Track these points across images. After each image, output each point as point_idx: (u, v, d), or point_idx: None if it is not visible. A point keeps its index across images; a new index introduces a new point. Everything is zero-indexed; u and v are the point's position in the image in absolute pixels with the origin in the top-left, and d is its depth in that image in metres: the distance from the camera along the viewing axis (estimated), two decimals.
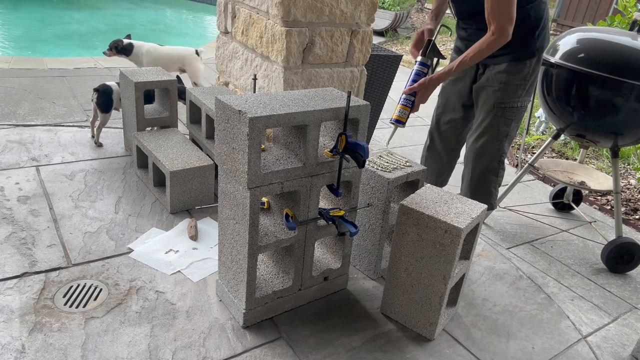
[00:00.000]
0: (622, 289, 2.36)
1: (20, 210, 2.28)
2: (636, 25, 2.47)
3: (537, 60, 2.05)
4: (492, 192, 2.24)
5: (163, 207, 2.46)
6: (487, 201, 2.21)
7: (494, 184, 2.23)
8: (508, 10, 1.82)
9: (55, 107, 3.52)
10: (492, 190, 2.24)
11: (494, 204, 2.26)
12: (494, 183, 2.23)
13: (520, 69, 2.03)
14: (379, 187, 1.98)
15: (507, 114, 2.08)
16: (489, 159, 2.16)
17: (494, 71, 2.06)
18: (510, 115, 2.09)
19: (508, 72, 2.04)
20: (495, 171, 2.20)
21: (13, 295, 1.79)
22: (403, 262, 1.81)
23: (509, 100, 2.06)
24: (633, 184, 3.71)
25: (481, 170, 2.18)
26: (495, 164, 2.18)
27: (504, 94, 2.06)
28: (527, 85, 2.07)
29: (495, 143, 2.13)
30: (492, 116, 2.09)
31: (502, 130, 2.11)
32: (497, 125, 2.10)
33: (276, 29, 2.31)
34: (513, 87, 2.05)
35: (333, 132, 1.81)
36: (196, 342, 1.69)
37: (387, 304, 1.91)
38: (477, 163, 2.18)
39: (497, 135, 2.11)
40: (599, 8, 9.85)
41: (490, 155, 2.16)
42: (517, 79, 2.04)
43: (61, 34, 7.00)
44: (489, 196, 2.23)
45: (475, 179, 2.21)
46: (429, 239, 1.71)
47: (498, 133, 2.11)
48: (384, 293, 1.91)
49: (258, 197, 1.57)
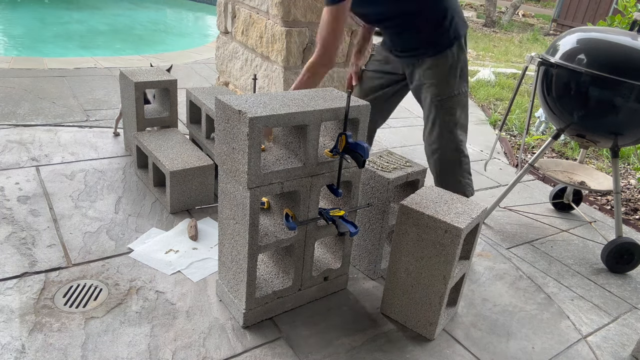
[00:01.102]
0: (622, 289, 2.36)
1: (20, 210, 2.28)
2: (636, 25, 2.47)
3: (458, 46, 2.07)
4: (460, 182, 2.21)
5: (163, 207, 2.46)
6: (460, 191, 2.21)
7: (461, 172, 2.21)
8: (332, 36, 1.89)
9: (55, 107, 3.52)
10: (461, 179, 2.21)
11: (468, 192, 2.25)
12: (461, 171, 2.21)
13: (444, 61, 2.05)
14: (379, 187, 1.98)
15: (447, 104, 2.10)
16: (446, 151, 2.16)
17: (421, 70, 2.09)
18: (452, 105, 2.11)
19: (434, 67, 2.06)
20: (456, 161, 2.19)
21: (13, 295, 1.79)
22: (403, 262, 1.81)
23: (444, 92, 2.08)
24: (633, 184, 3.71)
25: (442, 163, 2.19)
26: (455, 154, 2.17)
27: (437, 88, 2.08)
28: (457, 72, 2.08)
29: (446, 134, 2.14)
30: (434, 111, 2.11)
31: (450, 121, 2.12)
32: (442, 118, 2.12)
33: (276, 29, 2.31)
34: (443, 78, 2.07)
35: (333, 132, 1.81)
36: (196, 342, 1.69)
37: (387, 304, 1.91)
38: (436, 157, 2.19)
39: (446, 126, 2.13)
40: (599, 8, 9.86)
41: (446, 147, 2.16)
42: (444, 70, 2.06)
43: (61, 34, 7.00)
44: (459, 186, 2.21)
45: (439, 172, 2.21)
46: (429, 239, 1.71)
47: (447, 124, 2.12)
48: (384, 293, 1.91)
49: (258, 197, 1.57)
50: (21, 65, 4.39)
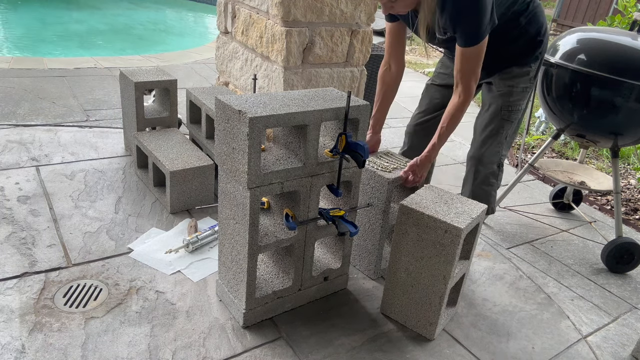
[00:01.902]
0: (622, 289, 2.36)
1: (20, 210, 2.28)
2: (636, 25, 2.47)
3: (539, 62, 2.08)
4: (492, 195, 2.25)
5: (163, 207, 2.46)
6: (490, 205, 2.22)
7: (495, 187, 2.24)
8: (477, 71, 1.83)
9: (55, 107, 3.52)
10: (493, 193, 2.25)
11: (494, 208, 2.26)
12: (494, 186, 2.24)
13: (526, 72, 2.04)
14: (379, 187, 1.98)
15: (513, 116, 2.10)
16: (492, 163, 2.17)
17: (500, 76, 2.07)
18: (515, 118, 2.11)
19: (515, 76, 2.04)
20: (496, 174, 2.21)
21: (13, 295, 1.79)
22: (403, 262, 1.81)
23: (516, 103, 2.07)
24: (633, 184, 3.71)
25: (484, 174, 2.19)
26: (496, 168, 2.19)
27: (511, 97, 2.06)
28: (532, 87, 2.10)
29: (497, 146, 2.14)
30: (498, 120, 2.09)
31: (505, 134, 2.12)
32: (502, 129, 2.10)
33: (276, 29, 2.31)
34: (520, 89, 2.06)
35: (333, 132, 1.81)
36: (196, 342, 1.69)
37: (387, 304, 1.91)
38: (481, 167, 2.18)
39: (500, 138, 2.12)
40: (599, 8, 9.85)
41: (493, 159, 2.16)
42: (524, 81, 2.05)
43: (61, 34, 6.99)
44: (490, 199, 2.23)
45: (479, 183, 2.21)
46: (429, 239, 1.71)
47: (501, 136, 2.12)
48: (384, 293, 1.91)
49: (258, 197, 1.57)
50: (21, 65, 4.39)
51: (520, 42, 2.00)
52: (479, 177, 2.21)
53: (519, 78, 2.05)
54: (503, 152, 2.17)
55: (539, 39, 2.01)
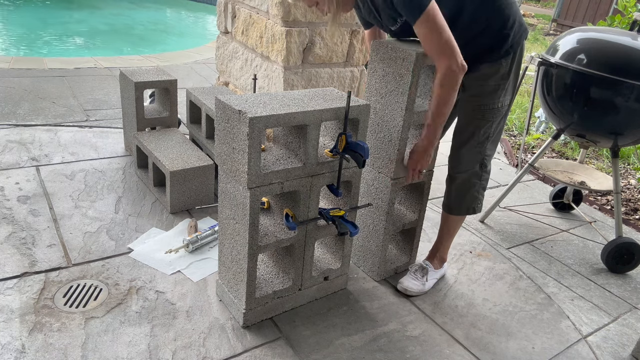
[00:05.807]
0: (622, 289, 2.36)
1: (20, 210, 2.28)
2: (636, 25, 2.47)
3: (512, 58, 2.00)
4: (476, 197, 2.19)
5: (163, 207, 2.46)
6: (471, 205, 2.18)
7: (478, 187, 2.18)
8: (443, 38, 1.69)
9: (55, 107, 3.52)
10: (476, 194, 2.19)
11: (477, 208, 2.22)
12: (478, 187, 2.18)
13: (496, 70, 1.99)
14: (383, 188, 1.98)
15: (488, 116, 2.04)
16: (472, 164, 2.13)
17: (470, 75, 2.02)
18: (491, 117, 2.05)
19: (485, 74, 1.99)
20: (478, 175, 2.16)
21: (13, 295, 1.79)
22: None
23: (488, 102, 2.02)
24: (633, 184, 3.71)
25: (465, 175, 2.15)
26: (478, 168, 2.14)
27: (482, 97, 2.02)
28: (506, 85, 2.02)
29: (477, 147, 2.10)
30: (472, 120, 2.05)
31: (483, 133, 2.07)
32: (478, 129, 2.06)
33: (276, 29, 2.31)
34: (491, 88, 2.00)
35: (333, 132, 1.81)
36: (196, 342, 1.69)
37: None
38: (461, 168, 2.15)
39: (479, 138, 2.08)
40: (599, 8, 9.86)
41: (473, 160, 2.12)
42: (495, 79, 2.00)
43: (61, 34, 6.99)
44: (473, 200, 2.19)
45: (459, 184, 2.17)
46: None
47: (479, 136, 2.08)
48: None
49: (258, 197, 1.57)
50: (21, 65, 4.39)
51: (485, 37, 1.94)
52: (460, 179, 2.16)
53: (490, 77, 1.99)
54: (487, 152, 2.12)
55: (505, 32, 1.94)
